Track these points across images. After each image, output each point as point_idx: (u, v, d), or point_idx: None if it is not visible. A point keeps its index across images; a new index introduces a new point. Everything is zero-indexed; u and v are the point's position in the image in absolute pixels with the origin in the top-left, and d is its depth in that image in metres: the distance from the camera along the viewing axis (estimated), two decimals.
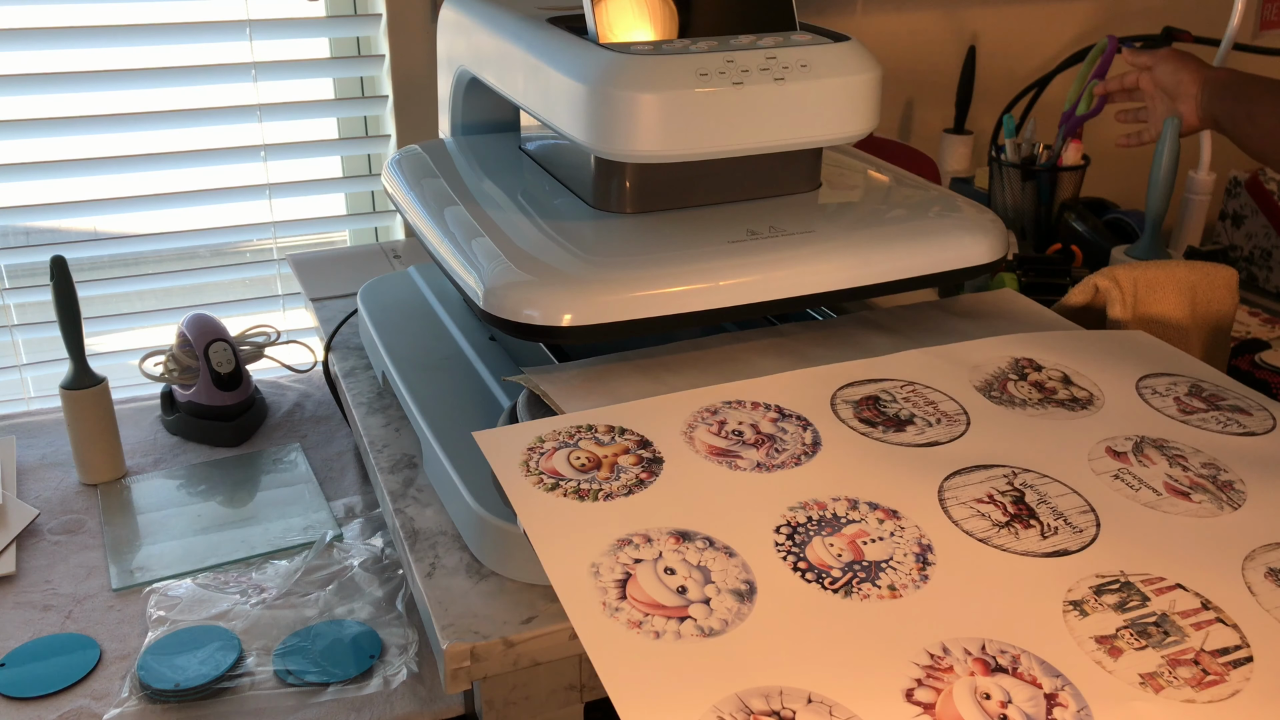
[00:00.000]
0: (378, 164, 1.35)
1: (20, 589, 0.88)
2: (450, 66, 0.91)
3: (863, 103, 0.70)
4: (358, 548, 0.92)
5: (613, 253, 0.67)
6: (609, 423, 0.60)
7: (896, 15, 1.45)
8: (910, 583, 0.49)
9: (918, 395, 0.64)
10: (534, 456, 0.57)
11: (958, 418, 0.62)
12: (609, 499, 0.54)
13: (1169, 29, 1.28)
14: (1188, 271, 0.87)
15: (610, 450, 0.58)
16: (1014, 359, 0.69)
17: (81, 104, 1.19)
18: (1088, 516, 0.55)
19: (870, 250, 0.70)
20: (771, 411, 0.62)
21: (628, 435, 0.59)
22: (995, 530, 0.53)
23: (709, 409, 0.62)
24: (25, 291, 1.22)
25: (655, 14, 0.70)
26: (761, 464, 0.57)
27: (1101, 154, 1.64)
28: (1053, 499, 0.56)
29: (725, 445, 0.58)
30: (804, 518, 0.53)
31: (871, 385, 0.65)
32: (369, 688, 0.78)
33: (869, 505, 0.54)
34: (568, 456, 0.57)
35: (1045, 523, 0.54)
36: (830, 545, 0.51)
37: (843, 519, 0.53)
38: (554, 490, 0.54)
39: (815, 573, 0.50)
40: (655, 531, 0.51)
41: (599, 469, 0.56)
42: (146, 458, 1.06)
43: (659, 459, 0.57)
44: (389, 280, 1.02)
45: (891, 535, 0.52)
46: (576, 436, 0.59)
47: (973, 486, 0.56)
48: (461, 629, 0.65)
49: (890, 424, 0.61)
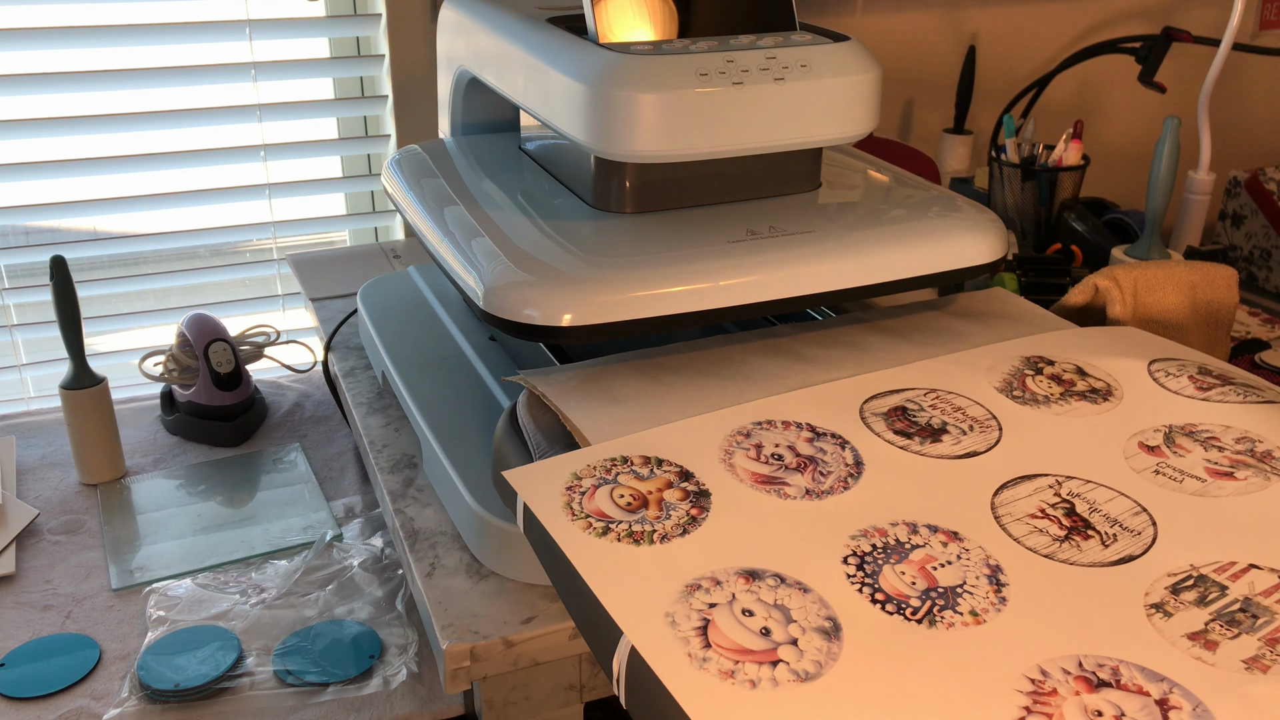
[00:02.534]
0: (378, 164, 1.35)
1: (20, 589, 0.88)
2: (450, 66, 0.91)
3: (863, 103, 0.70)
4: (357, 548, 0.92)
5: (613, 253, 0.67)
6: (643, 453, 0.58)
7: (896, 15, 1.45)
8: (990, 606, 0.48)
9: (943, 402, 0.64)
10: (575, 497, 0.54)
11: (988, 423, 0.62)
12: (665, 540, 0.51)
13: (1169, 29, 1.28)
14: (1188, 271, 0.87)
15: (653, 485, 0.55)
16: (1025, 357, 0.69)
17: (81, 104, 1.19)
18: (1141, 518, 0.54)
19: (870, 250, 0.70)
20: (805, 431, 0.60)
21: (667, 467, 0.57)
22: (1057, 545, 0.52)
23: (740, 431, 0.60)
24: (25, 291, 1.22)
25: (655, 14, 0.70)
26: (810, 490, 0.55)
27: (1101, 154, 1.64)
28: (1102, 505, 0.55)
29: (769, 472, 0.57)
30: (868, 546, 0.52)
31: (895, 396, 0.64)
32: (369, 688, 0.78)
33: (929, 528, 0.53)
34: (610, 494, 0.54)
35: (1103, 531, 0.53)
36: (902, 573, 0.50)
37: (907, 544, 0.52)
38: (606, 535, 0.52)
39: (895, 603, 0.48)
40: (722, 572, 0.49)
41: (646, 507, 0.53)
42: (146, 458, 1.06)
43: (705, 491, 0.55)
44: (389, 280, 1.02)
45: (959, 558, 0.51)
46: (614, 471, 0.56)
47: (1023, 501, 0.55)
48: (461, 629, 0.65)
49: (925, 434, 0.60)
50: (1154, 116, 1.65)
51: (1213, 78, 1.23)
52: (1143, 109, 1.64)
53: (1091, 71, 1.57)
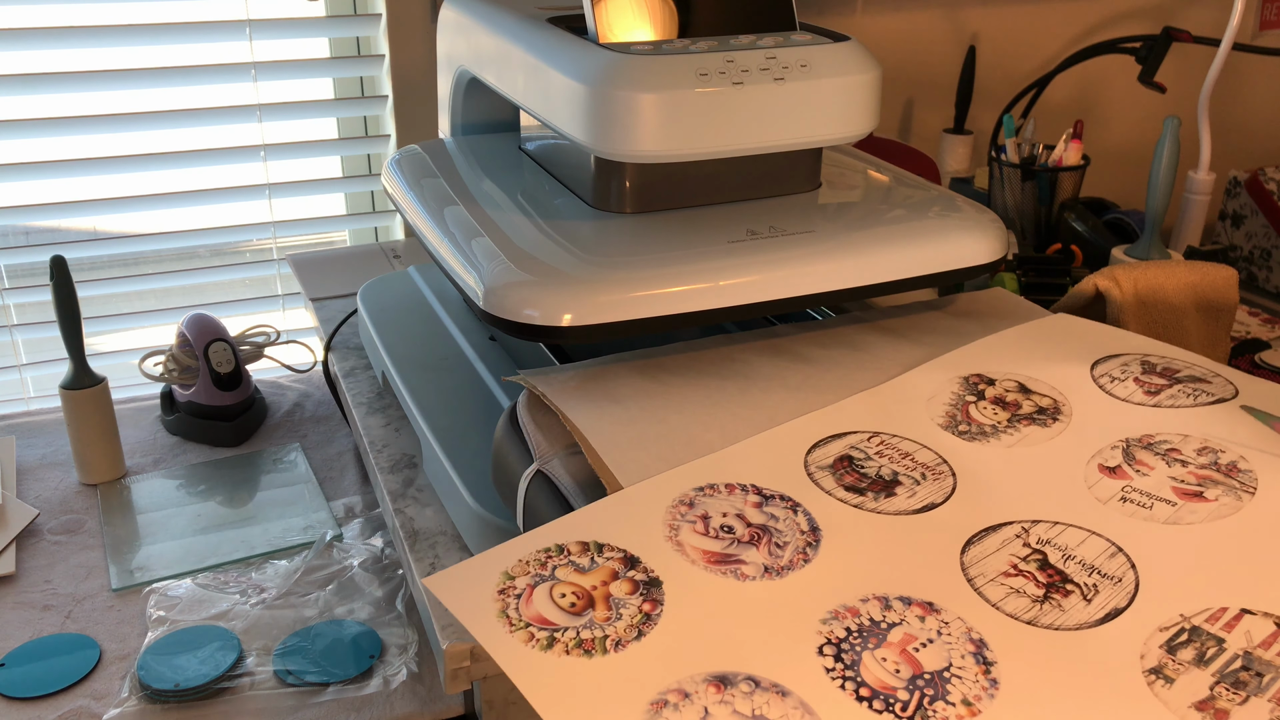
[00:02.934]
0: (378, 164, 1.35)
1: (20, 589, 0.88)
2: (450, 66, 0.91)
3: (863, 103, 0.70)
4: (357, 548, 0.92)
5: (613, 253, 0.67)
6: (580, 538, 0.52)
7: (896, 15, 1.45)
8: (983, 693, 0.45)
9: (888, 448, 0.60)
10: (510, 602, 0.48)
11: (940, 469, 0.58)
12: (620, 647, 0.46)
13: (1169, 29, 1.28)
14: (1188, 271, 0.87)
15: (596, 577, 0.50)
16: (962, 379, 0.66)
17: (81, 104, 1.19)
18: (1118, 560, 0.51)
19: (870, 250, 0.70)
20: (751, 495, 0.56)
21: (609, 553, 0.51)
22: (1038, 607, 0.49)
23: (683, 501, 0.55)
24: (25, 291, 1.22)
25: (655, 14, 0.70)
26: (769, 568, 0.51)
27: (1101, 154, 1.64)
28: (1075, 550, 0.52)
29: (721, 549, 0.52)
30: (842, 630, 0.47)
31: (838, 443, 0.60)
32: (369, 688, 0.78)
33: (902, 601, 0.49)
34: (550, 594, 0.49)
35: (1082, 583, 0.50)
36: (883, 660, 0.46)
37: (882, 623, 0.48)
38: (552, 647, 0.46)
39: (882, 700, 0.44)
40: (689, 681, 0.44)
41: (593, 607, 0.48)
42: (146, 458, 1.06)
43: (655, 580, 0.50)
44: (389, 280, 1.02)
45: (940, 635, 0.47)
46: (551, 565, 0.50)
47: (992, 557, 0.52)
48: (461, 629, 0.65)
49: (877, 487, 0.57)
50: (1154, 116, 1.65)
51: (1213, 78, 1.23)
52: (1143, 109, 1.64)
53: (1091, 71, 1.57)
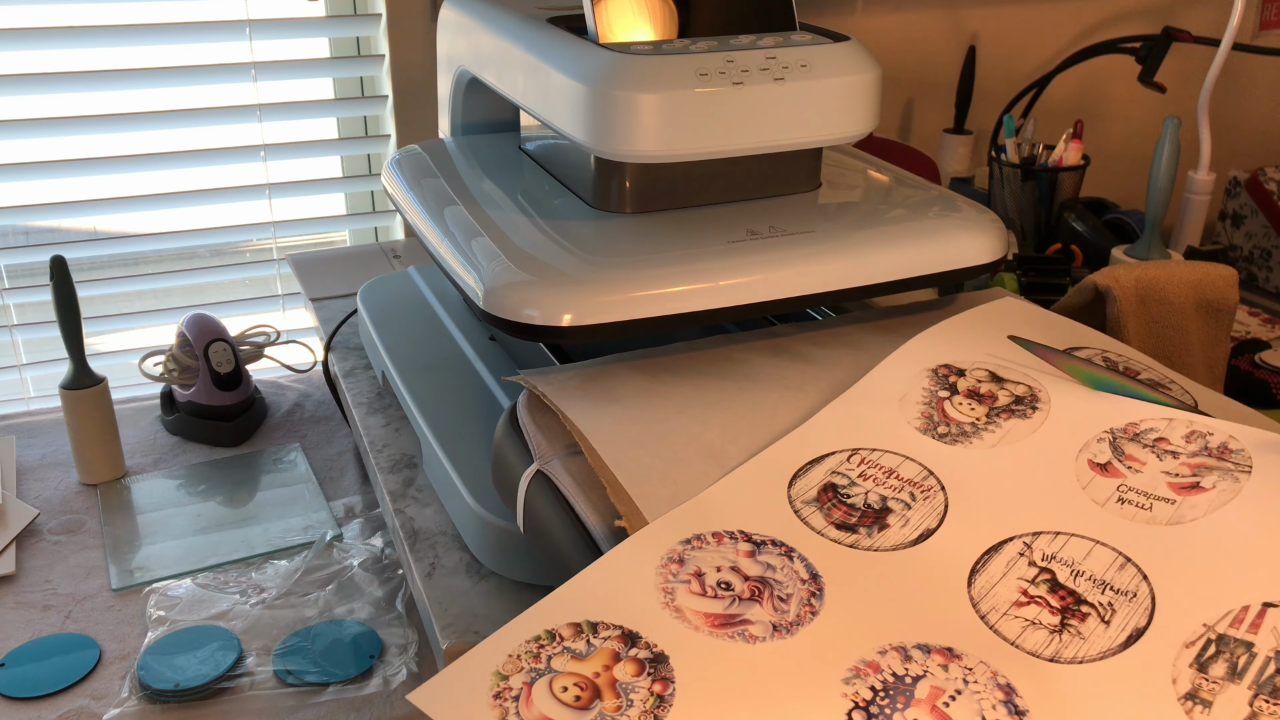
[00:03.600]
0: (378, 164, 1.35)
1: (20, 589, 0.88)
2: (450, 66, 0.91)
3: (863, 103, 0.70)
4: (357, 548, 0.92)
5: (613, 253, 0.67)
6: (571, 619, 0.48)
7: (896, 15, 1.45)
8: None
9: (871, 466, 0.57)
10: (509, 706, 0.44)
11: (928, 485, 0.56)
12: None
13: (1169, 29, 1.28)
14: (1188, 271, 0.87)
15: (597, 663, 0.46)
16: (930, 372, 0.64)
17: (81, 104, 1.19)
18: (1128, 571, 0.49)
19: (870, 250, 0.70)
20: (741, 543, 0.53)
21: (604, 632, 0.47)
22: (1057, 639, 0.47)
23: (672, 558, 0.51)
24: (25, 291, 1.22)
25: (655, 14, 0.70)
26: (777, 625, 0.48)
27: (1101, 154, 1.64)
28: (1083, 564, 0.50)
29: (723, 609, 0.49)
30: (868, 691, 0.45)
31: (818, 469, 0.58)
32: (369, 688, 0.78)
33: (920, 650, 0.47)
34: (550, 689, 0.44)
35: (1096, 603, 0.48)
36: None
37: (906, 678, 0.45)
38: None
39: None
40: None
41: (600, 697, 0.44)
42: (146, 458, 1.06)
43: (660, 655, 0.46)
44: (389, 280, 1.02)
45: (967, 684, 0.45)
46: (544, 654, 0.46)
47: (1000, 586, 0.50)
48: (461, 629, 0.65)
49: (868, 520, 0.54)
50: (1154, 116, 1.65)
51: (1213, 78, 1.23)
52: (1143, 109, 1.64)
53: (1091, 71, 1.57)
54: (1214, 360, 0.90)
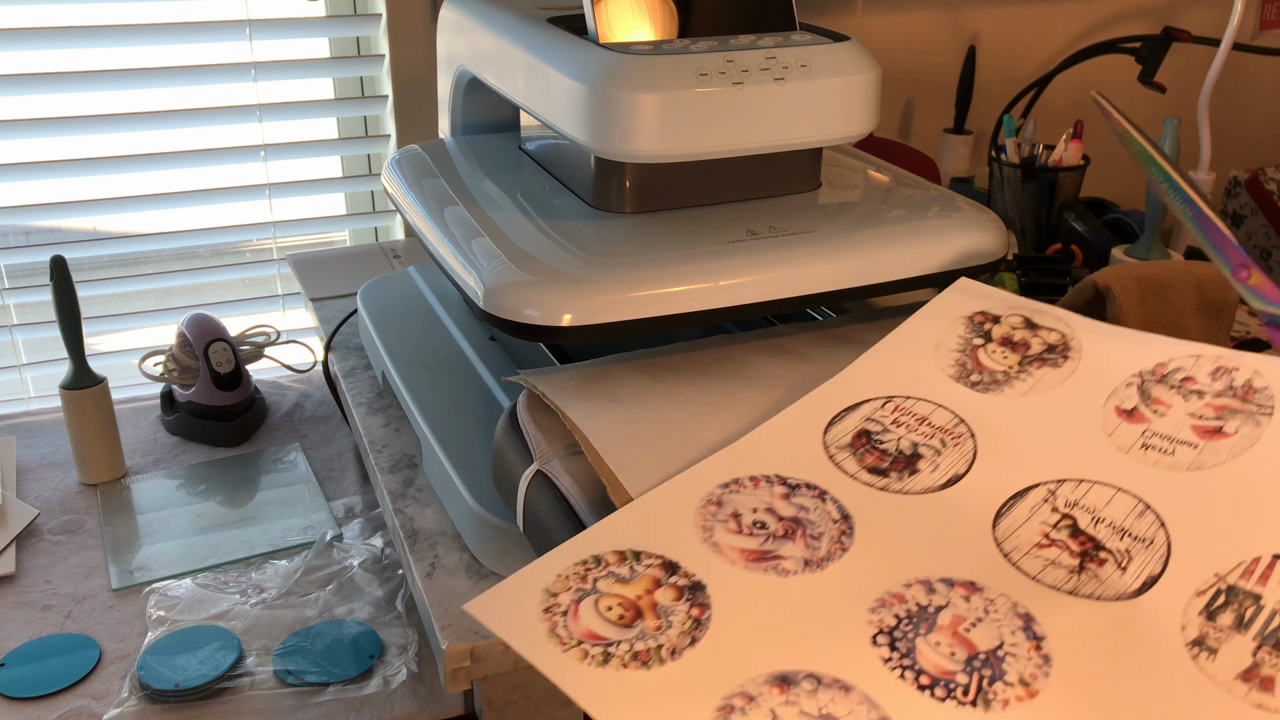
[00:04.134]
0: (378, 164, 1.35)
1: (20, 589, 0.88)
2: (450, 66, 0.91)
3: (863, 103, 0.70)
4: (358, 548, 0.92)
5: (613, 253, 0.67)
6: (616, 547, 0.51)
7: (896, 15, 1.45)
8: (1038, 671, 0.45)
9: (903, 413, 0.60)
10: (558, 621, 0.47)
11: (958, 432, 0.58)
12: (676, 656, 0.45)
13: (1169, 29, 1.28)
14: (1188, 271, 0.87)
15: (639, 587, 0.49)
16: (966, 319, 0.65)
17: (81, 104, 1.19)
18: (1147, 518, 0.51)
19: (870, 250, 0.70)
20: (777, 486, 0.56)
21: (647, 560, 0.51)
22: (1075, 577, 0.49)
23: (711, 500, 0.55)
24: (25, 291, 1.22)
25: (655, 14, 0.70)
26: (809, 561, 0.51)
27: (1101, 154, 1.64)
28: (1103, 511, 0.52)
29: (757, 545, 0.52)
30: (892, 618, 0.47)
31: (853, 416, 0.60)
32: (369, 688, 0.78)
33: (944, 583, 0.49)
34: (596, 608, 0.48)
35: (1114, 549, 0.50)
36: (937, 644, 0.46)
37: (930, 607, 0.48)
38: (608, 663, 0.45)
39: (943, 686, 0.44)
40: (751, 684, 0.44)
41: (642, 617, 0.47)
42: (146, 458, 1.06)
43: (699, 584, 0.49)
44: (389, 280, 1.02)
45: (987, 614, 0.47)
46: (591, 577, 0.50)
47: (1023, 529, 0.52)
48: (461, 629, 0.65)
49: (899, 465, 0.56)
50: (1154, 116, 1.65)
51: (1213, 78, 1.23)
52: (1143, 109, 1.64)
53: (1091, 71, 1.57)
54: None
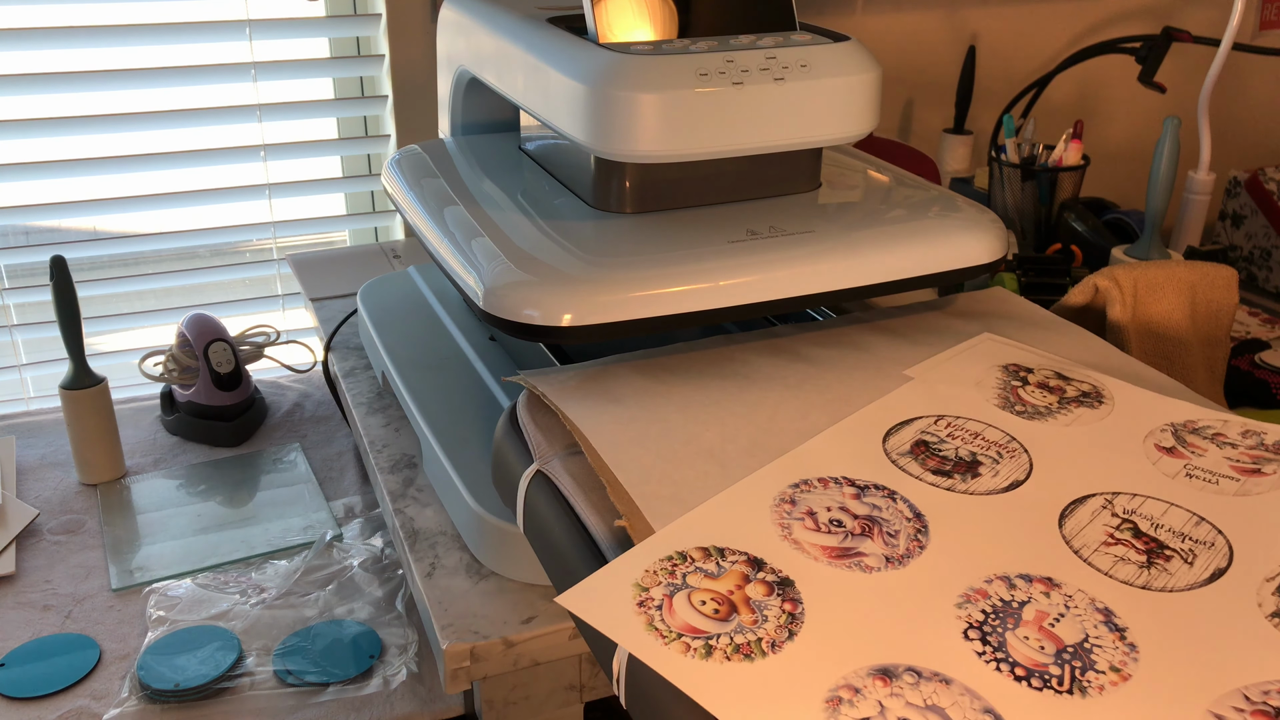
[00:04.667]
0: (378, 164, 1.35)
1: (20, 589, 0.88)
2: (450, 66, 0.91)
3: (863, 103, 0.70)
4: (357, 548, 0.92)
5: (613, 253, 0.67)
6: (698, 544, 0.52)
7: (896, 15, 1.45)
8: (1126, 658, 0.46)
9: (957, 429, 0.62)
10: (653, 613, 0.48)
11: (1012, 447, 0.60)
12: (777, 649, 0.46)
13: (1169, 29, 1.28)
14: (1188, 271, 0.87)
15: (729, 582, 0.50)
16: (1002, 366, 0.68)
17: (81, 104, 1.19)
18: (1204, 527, 0.53)
19: (870, 250, 0.70)
20: (846, 486, 0.57)
21: (732, 557, 0.51)
22: (1146, 573, 0.51)
23: (784, 499, 0.56)
24: (25, 291, 1.22)
25: (655, 14, 0.70)
26: (890, 558, 0.52)
27: (1101, 154, 1.64)
28: (1161, 520, 0.54)
29: (838, 543, 0.53)
30: (979, 614, 0.48)
31: (908, 429, 0.62)
32: (369, 688, 0.78)
33: (1023, 579, 0.50)
34: (690, 601, 0.49)
35: (1179, 549, 0.52)
36: (1026, 639, 0.47)
37: (1013, 603, 0.49)
38: (711, 655, 0.46)
39: (1039, 677, 0.45)
40: (855, 677, 0.45)
41: (737, 612, 0.48)
42: (146, 458, 1.06)
43: (786, 580, 0.50)
44: (389, 280, 1.02)
45: (1069, 609, 0.49)
46: (680, 572, 0.50)
47: (1088, 529, 0.54)
48: (461, 629, 0.65)
49: (961, 469, 0.58)
50: (1154, 116, 1.65)
51: (1213, 78, 1.23)
52: (1143, 109, 1.64)
53: (1091, 71, 1.57)
54: (1214, 360, 0.90)
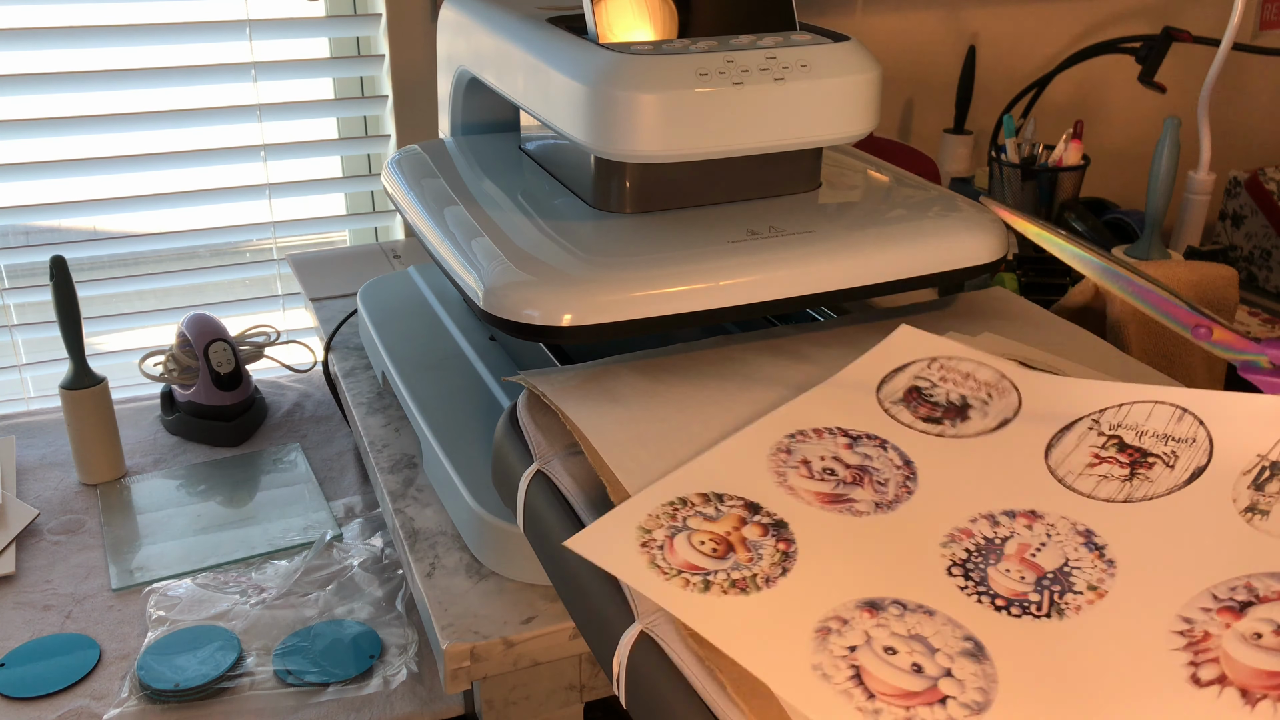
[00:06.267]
0: (378, 164, 1.35)
1: (20, 589, 0.88)
2: (450, 66, 0.91)
3: (863, 103, 0.70)
4: (357, 548, 0.92)
5: (613, 253, 0.67)
6: (698, 490, 0.54)
7: (896, 15, 1.45)
8: (1104, 575, 0.48)
9: (949, 371, 0.63)
10: (655, 553, 0.50)
11: (1002, 385, 0.61)
12: (770, 584, 0.48)
13: (1169, 29, 1.28)
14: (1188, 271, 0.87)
15: (726, 524, 0.52)
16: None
17: (81, 104, 1.19)
18: (1187, 420, 0.54)
19: (870, 250, 0.70)
20: (840, 437, 0.59)
21: (730, 501, 0.54)
22: (1128, 485, 0.52)
23: (780, 449, 0.58)
24: (25, 291, 1.22)
25: (655, 14, 0.70)
26: (880, 504, 0.54)
27: (1101, 154, 1.64)
28: (1145, 424, 0.55)
29: (830, 489, 0.55)
30: (963, 552, 0.50)
31: (902, 375, 0.63)
32: (369, 688, 0.78)
33: (1007, 515, 0.52)
34: (689, 542, 0.51)
35: (1161, 453, 0.53)
36: (1007, 571, 0.49)
37: (995, 539, 0.51)
38: (709, 590, 0.48)
39: (1018, 605, 0.47)
40: (843, 609, 0.47)
41: (734, 551, 0.50)
42: (146, 458, 1.06)
43: (781, 522, 0.52)
44: (389, 280, 1.02)
45: (1050, 537, 0.50)
46: (680, 516, 0.52)
47: (1074, 454, 0.55)
48: (461, 629, 0.65)
49: (951, 414, 0.60)
50: (1154, 116, 1.65)
51: (1213, 78, 1.23)
52: (1143, 109, 1.64)
53: (1091, 71, 1.57)
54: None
